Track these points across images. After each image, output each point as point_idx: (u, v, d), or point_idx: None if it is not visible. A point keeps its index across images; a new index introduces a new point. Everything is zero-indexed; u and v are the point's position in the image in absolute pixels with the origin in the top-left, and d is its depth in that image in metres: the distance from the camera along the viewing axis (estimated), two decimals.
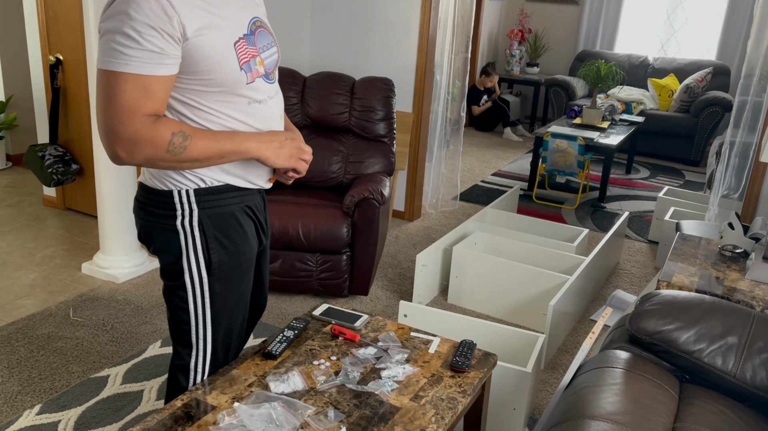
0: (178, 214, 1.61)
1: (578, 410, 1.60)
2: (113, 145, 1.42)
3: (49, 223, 4.07)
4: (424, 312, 2.70)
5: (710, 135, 6.35)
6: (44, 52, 4.00)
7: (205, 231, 1.63)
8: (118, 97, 1.39)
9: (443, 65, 4.49)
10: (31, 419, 2.29)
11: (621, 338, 2.00)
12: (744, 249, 2.54)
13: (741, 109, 3.76)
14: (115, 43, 1.37)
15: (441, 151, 4.72)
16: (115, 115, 1.40)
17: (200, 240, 1.63)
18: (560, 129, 5.15)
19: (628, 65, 7.18)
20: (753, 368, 1.77)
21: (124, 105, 1.39)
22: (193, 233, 1.63)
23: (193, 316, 1.70)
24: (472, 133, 7.33)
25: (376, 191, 3.15)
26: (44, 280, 3.33)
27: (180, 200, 1.61)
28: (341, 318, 2.11)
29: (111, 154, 1.44)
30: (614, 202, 5.17)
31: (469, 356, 1.93)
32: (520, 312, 3.17)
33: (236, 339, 1.82)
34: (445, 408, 1.72)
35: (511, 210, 4.48)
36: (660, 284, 2.28)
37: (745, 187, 3.72)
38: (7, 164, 5.08)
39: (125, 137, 1.41)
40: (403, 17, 4.14)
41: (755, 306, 2.16)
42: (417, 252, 3.96)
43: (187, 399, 1.69)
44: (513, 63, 7.69)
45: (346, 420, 1.63)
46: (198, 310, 1.70)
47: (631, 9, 7.47)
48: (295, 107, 3.62)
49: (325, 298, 3.28)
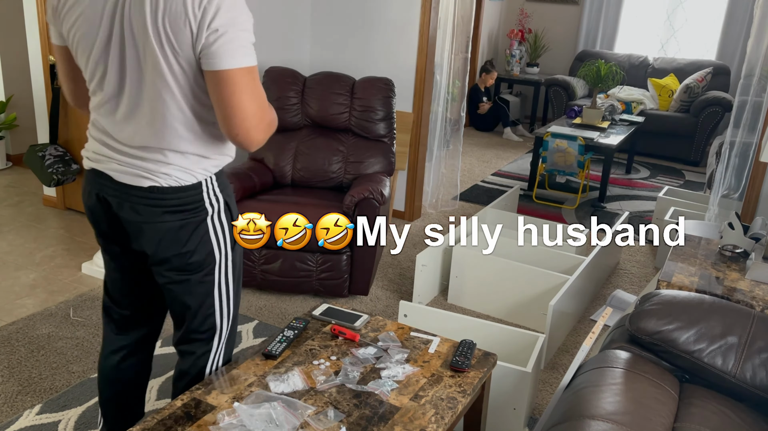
0: (208, 207, 1.66)
1: (578, 410, 1.60)
2: (261, 132, 1.55)
3: (50, 223, 4.07)
4: (424, 312, 2.70)
5: (710, 135, 6.35)
6: (44, 52, 4.00)
7: (231, 211, 1.72)
8: (260, 88, 1.53)
9: (443, 65, 4.49)
10: (31, 419, 2.29)
11: (621, 338, 2.00)
12: (744, 249, 2.54)
13: (741, 109, 3.76)
14: (245, 41, 1.47)
15: (441, 151, 4.71)
16: (263, 104, 1.54)
17: (227, 223, 1.71)
18: (560, 129, 5.15)
19: (628, 65, 7.18)
20: (753, 368, 1.77)
21: (263, 94, 1.54)
22: (221, 221, 1.69)
23: (217, 297, 1.75)
24: (472, 133, 7.33)
25: (376, 191, 3.15)
26: (44, 280, 3.33)
27: (207, 190, 1.65)
28: (341, 318, 2.12)
29: (257, 141, 1.55)
30: (614, 202, 5.17)
31: (469, 356, 1.93)
32: (520, 312, 3.16)
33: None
34: (444, 407, 1.72)
35: (511, 210, 4.48)
36: (660, 284, 2.28)
37: (745, 187, 3.72)
38: (7, 164, 5.08)
39: (268, 121, 1.57)
40: (403, 17, 4.14)
41: (755, 306, 2.16)
42: (417, 252, 3.96)
43: (187, 399, 1.69)
44: (513, 63, 7.69)
45: (346, 419, 1.63)
46: (222, 289, 1.75)
47: (631, 9, 7.47)
48: (295, 107, 3.62)
49: (325, 298, 3.28)
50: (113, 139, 1.61)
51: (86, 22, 1.52)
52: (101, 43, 1.52)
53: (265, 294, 3.29)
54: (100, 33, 1.51)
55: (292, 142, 3.60)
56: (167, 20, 1.43)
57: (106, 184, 1.63)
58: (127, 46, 1.50)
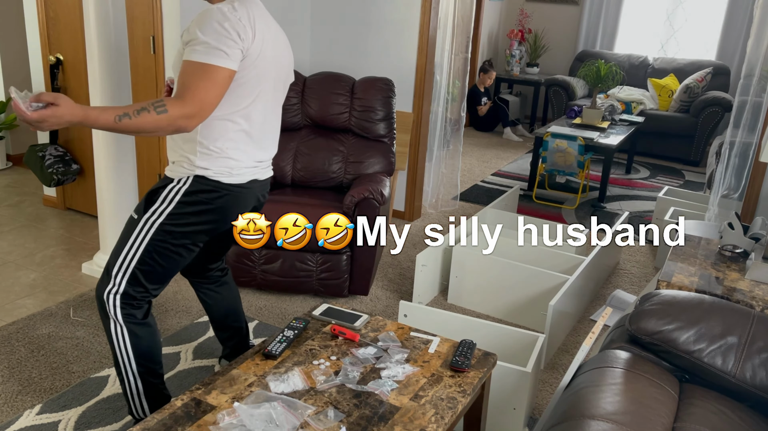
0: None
1: (578, 410, 1.60)
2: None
3: (50, 223, 4.07)
4: (424, 312, 2.70)
5: (710, 135, 6.35)
6: (44, 52, 4.00)
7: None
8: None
9: (443, 65, 4.49)
10: (31, 419, 2.29)
11: (621, 338, 2.00)
12: (744, 249, 2.54)
13: (741, 109, 3.76)
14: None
15: (441, 151, 4.72)
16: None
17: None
18: (560, 129, 5.15)
19: (628, 65, 7.18)
20: (753, 368, 1.77)
21: None
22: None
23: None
24: (472, 133, 7.33)
25: (376, 191, 3.15)
26: (44, 280, 3.33)
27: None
28: (341, 318, 2.12)
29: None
30: (614, 202, 5.17)
31: (468, 356, 1.93)
32: (520, 312, 3.17)
33: None
34: (444, 407, 1.72)
35: (511, 210, 4.48)
36: (660, 284, 2.28)
37: (745, 187, 3.72)
38: (7, 164, 5.08)
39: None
40: (403, 17, 4.14)
41: (755, 306, 2.17)
42: (417, 252, 3.96)
43: (188, 399, 1.69)
44: (513, 63, 7.69)
45: (346, 419, 1.64)
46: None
47: (631, 9, 7.47)
48: (295, 107, 3.62)
49: (325, 298, 3.28)
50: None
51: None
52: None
53: (265, 294, 3.29)
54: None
55: (292, 142, 3.60)
56: None
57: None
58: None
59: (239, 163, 2.01)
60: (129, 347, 2.05)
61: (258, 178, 2.10)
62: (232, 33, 1.81)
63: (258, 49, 1.91)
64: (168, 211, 1.96)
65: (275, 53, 2.02)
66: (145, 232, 1.97)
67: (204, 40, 1.79)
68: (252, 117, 2.00)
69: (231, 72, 1.83)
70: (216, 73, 1.79)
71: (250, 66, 1.91)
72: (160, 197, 1.97)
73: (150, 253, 1.97)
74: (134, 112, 1.73)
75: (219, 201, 1.99)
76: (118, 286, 1.99)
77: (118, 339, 2.04)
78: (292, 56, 2.18)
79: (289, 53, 2.16)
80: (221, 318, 2.48)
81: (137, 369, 2.08)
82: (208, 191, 1.97)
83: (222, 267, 2.43)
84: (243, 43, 1.84)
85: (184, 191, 1.96)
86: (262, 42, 1.92)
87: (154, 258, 1.98)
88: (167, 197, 1.96)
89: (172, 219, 1.96)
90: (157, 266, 2.00)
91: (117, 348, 2.05)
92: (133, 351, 2.05)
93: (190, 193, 1.96)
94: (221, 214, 2.02)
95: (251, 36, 1.87)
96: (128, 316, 2.03)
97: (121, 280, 1.99)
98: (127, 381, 2.10)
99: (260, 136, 2.06)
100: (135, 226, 1.98)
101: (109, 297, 2.00)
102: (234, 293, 2.49)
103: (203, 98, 1.78)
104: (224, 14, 1.82)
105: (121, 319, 2.02)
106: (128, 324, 2.03)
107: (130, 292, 2.00)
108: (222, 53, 1.79)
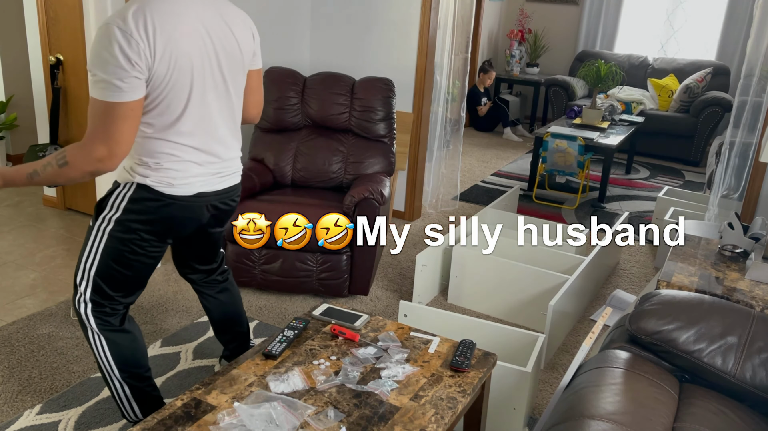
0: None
1: (578, 410, 1.60)
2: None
3: (50, 223, 4.07)
4: (424, 312, 2.70)
5: (710, 135, 6.35)
6: (45, 52, 4.00)
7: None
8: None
9: (443, 65, 4.49)
10: (31, 419, 2.29)
11: (621, 338, 2.00)
12: (744, 249, 2.54)
13: (741, 109, 3.76)
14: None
15: (441, 151, 4.72)
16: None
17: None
18: (560, 129, 5.15)
19: (627, 65, 7.18)
20: (753, 368, 1.77)
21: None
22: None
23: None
24: (472, 133, 7.33)
25: (376, 191, 3.15)
26: (45, 280, 3.33)
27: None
28: (341, 318, 2.12)
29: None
30: (614, 202, 5.17)
31: (468, 356, 1.93)
32: (520, 312, 3.17)
33: None
34: (444, 407, 1.72)
35: (511, 210, 4.48)
36: (660, 284, 2.28)
37: (745, 186, 3.72)
38: (7, 164, 5.08)
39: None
40: (403, 17, 4.14)
41: (755, 306, 2.17)
42: (417, 252, 3.96)
43: (188, 399, 1.69)
44: (513, 63, 7.69)
45: (346, 419, 1.64)
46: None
47: (631, 9, 7.47)
48: (295, 107, 3.62)
49: (325, 298, 3.28)
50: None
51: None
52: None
53: (265, 294, 3.29)
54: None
55: (292, 142, 3.60)
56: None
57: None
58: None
59: (181, 173, 1.87)
60: (108, 354, 2.01)
61: (206, 190, 1.94)
62: (121, 60, 1.62)
63: (167, 59, 1.71)
64: (116, 218, 1.88)
65: (205, 44, 1.81)
66: (99, 240, 1.91)
67: (95, 73, 1.65)
68: (188, 128, 1.84)
69: (133, 103, 1.67)
70: (116, 110, 1.65)
71: (164, 80, 1.73)
72: (108, 203, 1.90)
73: (106, 260, 1.91)
74: (42, 168, 1.72)
75: (164, 210, 1.89)
76: (84, 294, 1.95)
77: (97, 346, 2.01)
78: (245, 34, 1.96)
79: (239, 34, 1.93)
80: (222, 323, 2.47)
81: (120, 375, 2.04)
82: (151, 200, 1.87)
83: (222, 270, 2.41)
84: (139, 67, 1.65)
85: (129, 197, 1.87)
86: (174, 46, 1.71)
87: (111, 266, 1.92)
88: (114, 203, 1.89)
89: (120, 225, 1.89)
90: (116, 273, 1.94)
91: (97, 355, 2.02)
92: (113, 358, 2.01)
93: (134, 200, 1.87)
94: (167, 223, 1.93)
95: (150, 52, 1.66)
96: (103, 324, 1.99)
97: (85, 289, 1.95)
98: (113, 386, 2.08)
99: (205, 141, 1.90)
100: (90, 234, 1.93)
101: (80, 306, 1.97)
102: (236, 298, 2.48)
103: (110, 137, 1.66)
104: (112, 36, 1.62)
105: (95, 327, 1.98)
106: (104, 332, 1.99)
107: (96, 300, 1.96)
108: (115, 87, 1.64)
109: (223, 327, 2.48)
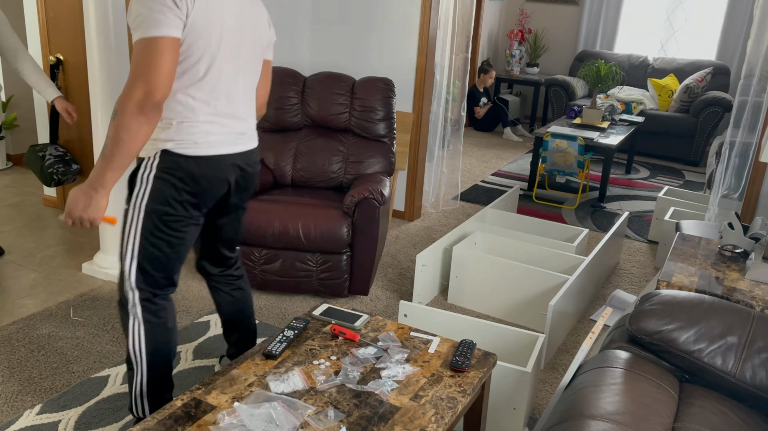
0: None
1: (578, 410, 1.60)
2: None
3: (50, 223, 4.07)
4: (424, 312, 2.70)
5: (710, 135, 6.35)
6: (45, 52, 4.00)
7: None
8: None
9: (443, 65, 4.49)
10: (31, 419, 2.29)
11: (621, 338, 2.00)
12: (744, 249, 2.54)
13: (741, 109, 3.76)
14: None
15: (441, 151, 4.72)
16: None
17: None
18: (560, 129, 5.15)
19: (628, 65, 7.18)
20: (753, 368, 1.77)
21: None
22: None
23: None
24: (472, 133, 7.34)
25: (376, 191, 3.15)
26: (45, 280, 3.33)
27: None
28: (341, 318, 2.12)
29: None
30: (614, 202, 5.17)
31: (468, 356, 1.93)
32: (520, 312, 3.17)
33: None
34: (444, 407, 1.72)
35: (511, 210, 4.48)
36: (660, 284, 2.28)
37: (745, 187, 3.72)
38: (7, 164, 5.08)
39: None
40: (403, 17, 4.14)
41: (755, 306, 2.17)
42: (417, 252, 3.96)
43: (188, 399, 1.69)
44: (513, 63, 7.69)
45: (346, 419, 1.64)
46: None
47: (631, 9, 7.47)
48: (295, 107, 3.62)
49: (325, 298, 3.28)
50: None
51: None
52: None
53: (265, 294, 3.29)
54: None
55: (292, 142, 3.60)
56: None
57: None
58: None
59: (204, 135, 1.93)
60: (143, 343, 2.03)
61: (229, 152, 2.01)
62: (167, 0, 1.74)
63: (204, 13, 1.82)
64: (148, 191, 1.91)
65: (240, 15, 1.93)
66: (136, 218, 1.94)
67: (139, 11, 1.73)
68: (212, 88, 1.92)
69: (173, 39, 1.75)
70: (158, 44, 1.72)
71: (197, 34, 1.83)
72: (138, 179, 1.94)
73: (146, 238, 1.94)
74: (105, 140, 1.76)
75: (193, 168, 1.93)
76: (130, 280, 1.98)
77: (134, 334, 2.02)
78: (266, 23, 2.08)
79: (263, 20, 2.06)
80: (232, 321, 2.47)
81: (146, 367, 2.06)
82: (178, 163, 1.91)
83: (239, 266, 2.43)
84: (180, 11, 1.76)
85: (156, 166, 1.91)
86: (207, 6, 1.83)
87: (152, 243, 1.95)
88: (143, 177, 1.92)
89: (154, 198, 1.91)
90: (157, 251, 1.97)
91: (131, 342, 2.03)
92: (146, 348, 2.04)
93: (162, 168, 1.91)
94: (198, 184, 1.96)
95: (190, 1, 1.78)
96: (149, 313, 2.02)
97: (130, 273, 1.97)
98: (134, 376, 2.07)
99: (227, 105, 1.97)
100: (126, 216, 1.96)
101: (128, 293, 1.99)
102: (248, 299, 2.48)
103: (150, 73, 1.72)
104: None
105: (140, 315, 2.01)
106: (146, 323, 2.02)
107: (143, 288, 1.99)
108: (156, 21, 1.72)
109: (233, 325, 2.48)
